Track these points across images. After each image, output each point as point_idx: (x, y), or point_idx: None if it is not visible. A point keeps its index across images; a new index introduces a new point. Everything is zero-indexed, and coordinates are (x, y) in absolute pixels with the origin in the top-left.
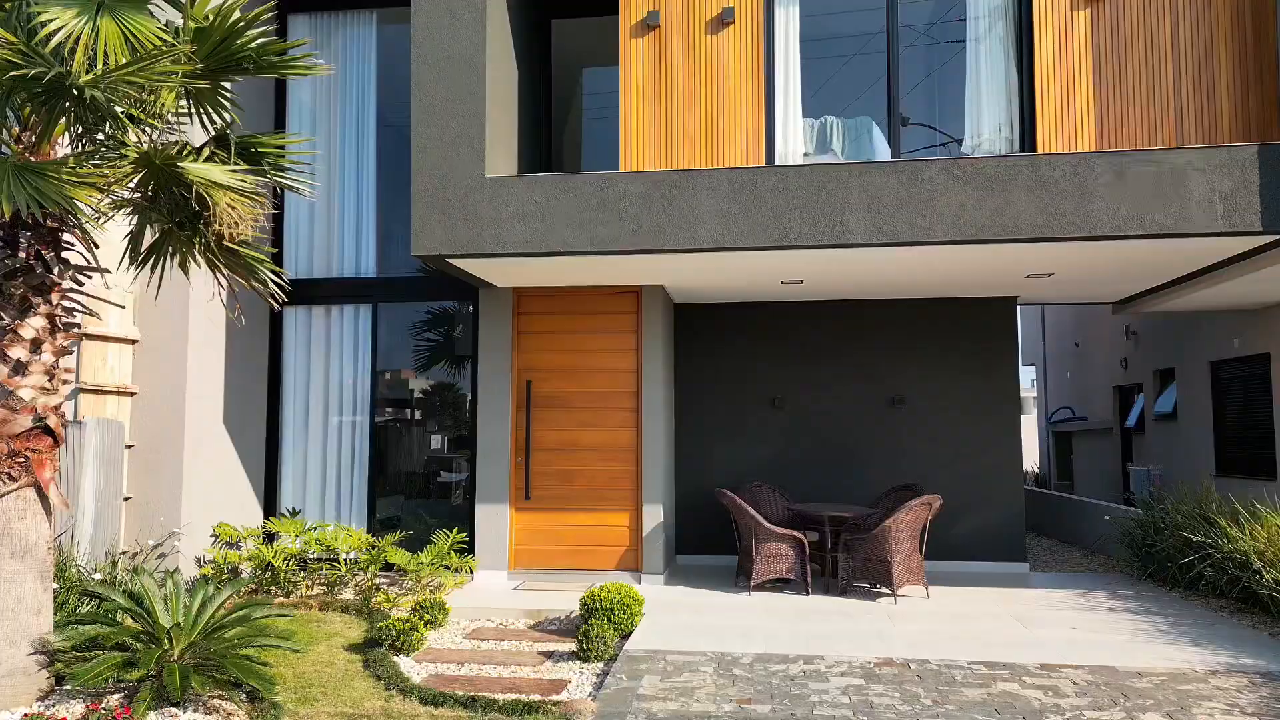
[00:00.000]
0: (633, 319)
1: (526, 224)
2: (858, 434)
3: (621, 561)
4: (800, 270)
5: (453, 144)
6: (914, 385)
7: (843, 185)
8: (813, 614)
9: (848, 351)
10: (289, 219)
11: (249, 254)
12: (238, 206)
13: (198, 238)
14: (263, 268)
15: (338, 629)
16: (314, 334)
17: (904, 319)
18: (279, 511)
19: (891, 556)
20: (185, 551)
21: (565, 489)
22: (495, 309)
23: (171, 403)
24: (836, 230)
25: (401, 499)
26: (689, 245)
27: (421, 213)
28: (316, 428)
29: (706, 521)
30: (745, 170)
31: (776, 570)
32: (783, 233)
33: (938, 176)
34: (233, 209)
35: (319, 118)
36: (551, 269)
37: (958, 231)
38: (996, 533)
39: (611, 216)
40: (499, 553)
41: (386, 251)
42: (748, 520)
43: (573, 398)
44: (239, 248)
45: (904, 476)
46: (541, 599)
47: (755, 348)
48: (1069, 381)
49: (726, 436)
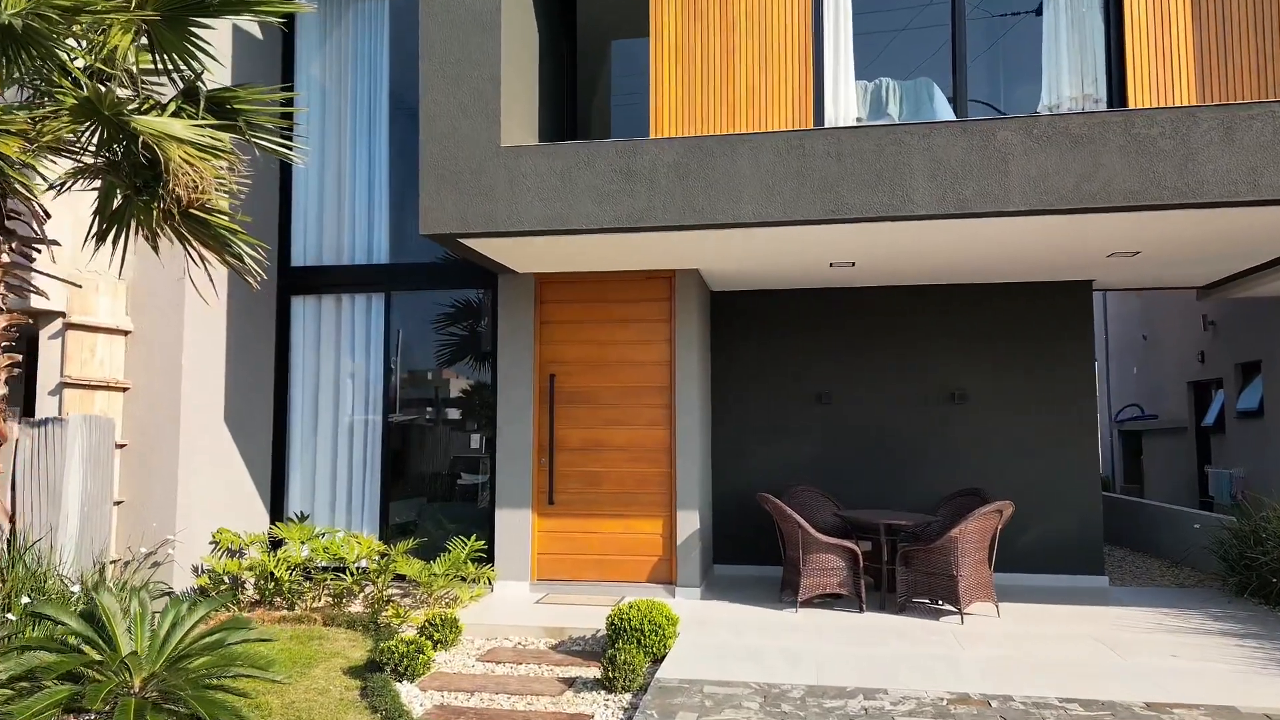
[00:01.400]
0: (665, 307)
1: (545, 198)
2: (913, 433)
3: (654, 573)
4: (853, 249)
5: (464, 110)
6: (976, 379)
7: (904, 149)
8: (869, 635)
9: (902, 343)
10: (296, 203)
11: (220, 223)
12: (196, 163)
13: (156, 203)
14: (237, 240)
15: (340, 647)
16: (323, 325)
17: (965, 307)
18: (286, 516)
19: (957, 570)
20: (181, 560)
21: (592, 493)
22: (515, 297)
23: (166, 398)
24: (897, 200)
25: (418, 503)
26: (728, 220)
27: (431, 187)
28: (326, 425)
29: (746, 528)
30: (792, 134)
31: (826, 584)
32: (835, 204)
33: (1014, 138)
34: (189, 165)
35: (329, 94)
36: (575, 250)
37: (1038, 200)
38: (1070, 542)
39: (640, 189)
40: (520, 562)
41: (400, 237)
42: (794, 528)
43: (600, 393)
44: (209, 216)
45: (965, 480)
46: (565, 614)
47: (799, 339)
48: (1135, 377)
49: (768, 435)
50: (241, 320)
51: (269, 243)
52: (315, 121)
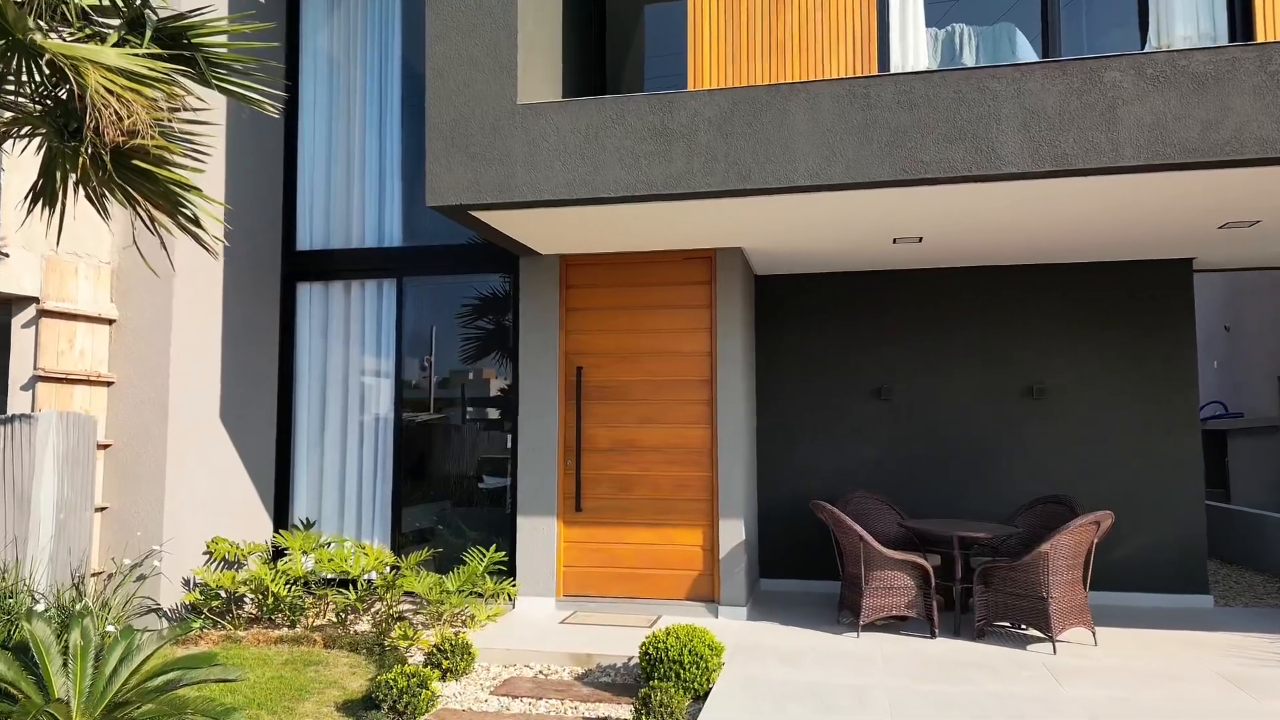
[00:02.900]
0: (705, 291)
1: (568, 162)
2: (985, 432)
3: (693, 589)
4: (923, 220)
5: (476, 63)
6: (1057, 371)
7: (990, 96)
8: (946, 668)
9: (972, 330)
10: (302, 182)
11: (168, 177)
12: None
13: (83, 147)
14: (190, 199)
15: (338, 675)
16: (331, 314)
17: (1044, 290)
18: (291, 523)
19: (1048, 591)
20: (172, 572)
21: (623, 499)
22: (538, 281)
23: (154, 393)
24: (982, 156)
25: (436, 508)
26: (779, 183)
27: (438, 151)
28: (334, 423)
29: (795, 539)
30: (855, 81)
31: (892, 605)
32: (907, 162)
33: (1124, 79)
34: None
35: (337, 65)
36: (603, 224)
37: (1153, 152)
38: (1169, 556)
39: (678, 149)
40: (543, 576)
41: (412, 218)
42: (854, 541)
43: (632, 388)
44: (155, 169)
45: (1045, 485)
46: (594, 637)
47: (855, 327)
48: (1216, 372)
49: (820, 434)
50: (240, 308)
51: (272, 226)
52: (323, 94)
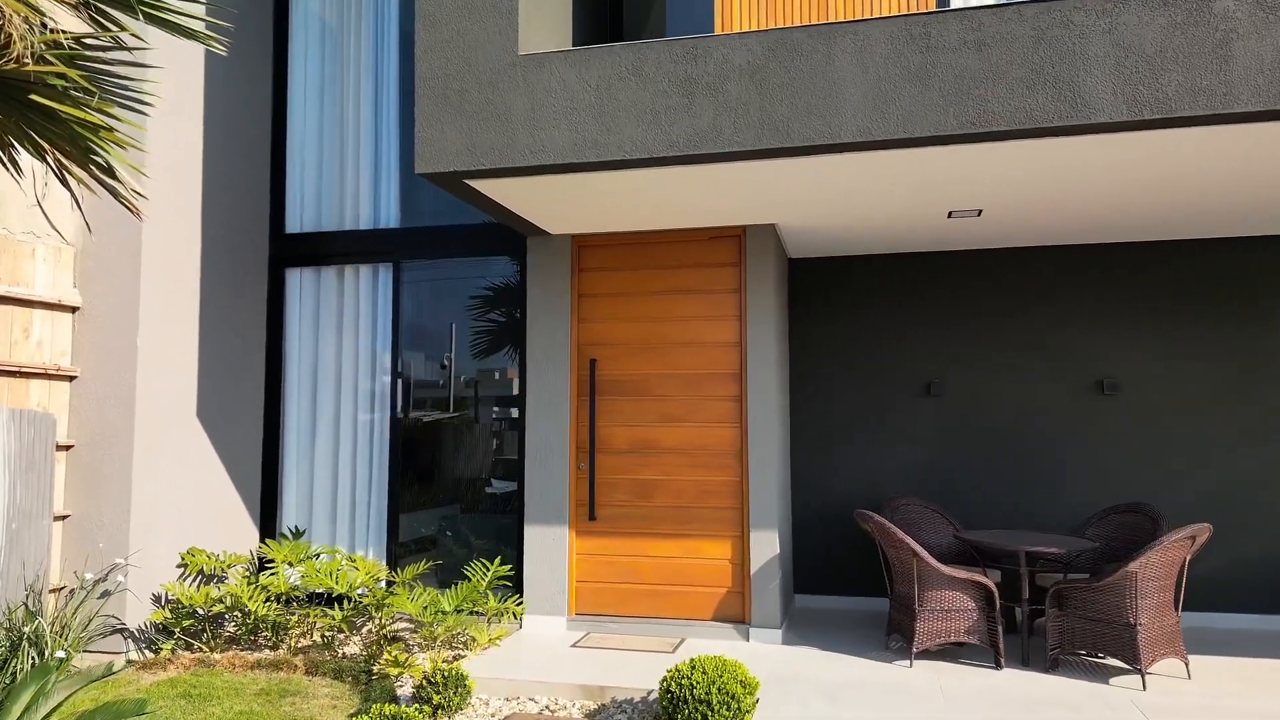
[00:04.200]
0: (734, 274)
1: (577, 121)
2: (1048, 432)
3: (721, 609)
4: (986, 186)
5: (471, 8)
6: (1132, 363)
7: (1075, 32)
8: (1020, 708)
9: (1034, 318)
10: (292, 158)
11: (71, 115)
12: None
13: None
14: (101, 143)
15: (315, 710)
16: (323, 302)
17: (1118, 271)
18: (279, 532)
19: (1135, 616)
20: (141, 587)
21: (643, 506)
22: (548, 264)
23: (120, 388)
24: (1065, 103)
25: (438, 515)
26: (823, 140)
27: (429, 111)
28: (326, 422)
29: (834, 550)
30: (912, 19)
31: (950, 630)
32: (974, 113)
33: (1238, 9)
34: None
35: (329, 30)
36: (618, 196)
37: (1275, 96)
38: (1265, 573)
39: (704, 103)
40: (553, 593)
41: (411, 198)
42: (907, 557)
43: (652, 382)
44: (57, 106)
45: (1119, 492)
46: (609, 665)
47: (901, 314)
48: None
49: (861, 434)
50: (223, 296)
51: (258, 206)
52: (315, 64)
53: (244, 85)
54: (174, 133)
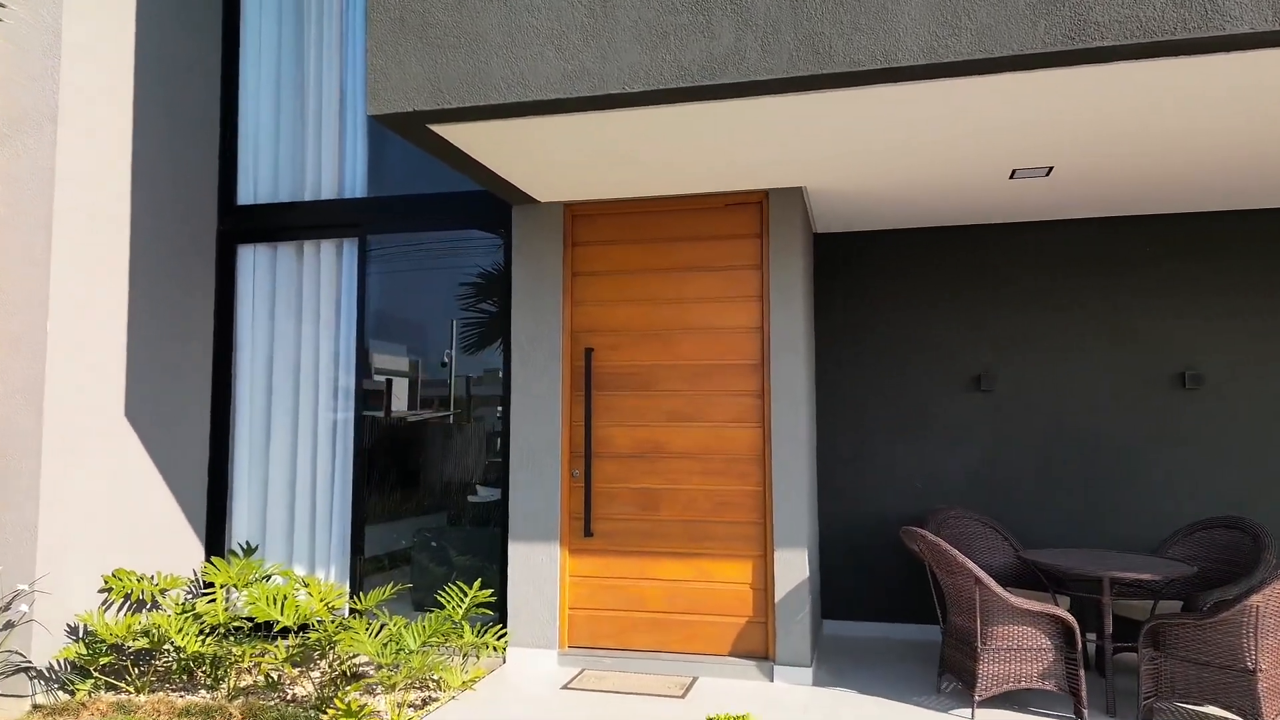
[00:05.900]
0: (754, 247)
1: (565, 45)
2: (1120, 433)
3: (740, 642)
4: (1070, 132)
5: None
6: (1220, 353)
7: None
8: None
9: (1103, 300)
10: (245, 120)
11: None
12: None
13: None
14: None
15: None
16: (279, 283)
17: (1203, 246)
18: (228, 548)
19: (1254, 659)
20: (50, 618)
21: (647, 520)
22: (536, 237)
23: (24, 381)
24: (1190, 11)
25: (415, 526)
26: (876, 63)
27: (383, 38)
28: (284, 421)
29: (870, 569)
30: None
31: (1022, 675)
32: (1070, 25)
33: None
34: None
35: None
36: (615, 145)
37: None
38: None
39: (723, 20)
40: (542, 622)
41: (380, 163)
42: (967, 584)
43: (658, 375)
44: None
45: (1210, 503)
46: (606, 713)
47: (945, 297)
48: None
49: (900, 435)
50: (159, 274)
51: (208, 176)
52: (271, 13)
53: (188, 34)
54: (85, 76)
